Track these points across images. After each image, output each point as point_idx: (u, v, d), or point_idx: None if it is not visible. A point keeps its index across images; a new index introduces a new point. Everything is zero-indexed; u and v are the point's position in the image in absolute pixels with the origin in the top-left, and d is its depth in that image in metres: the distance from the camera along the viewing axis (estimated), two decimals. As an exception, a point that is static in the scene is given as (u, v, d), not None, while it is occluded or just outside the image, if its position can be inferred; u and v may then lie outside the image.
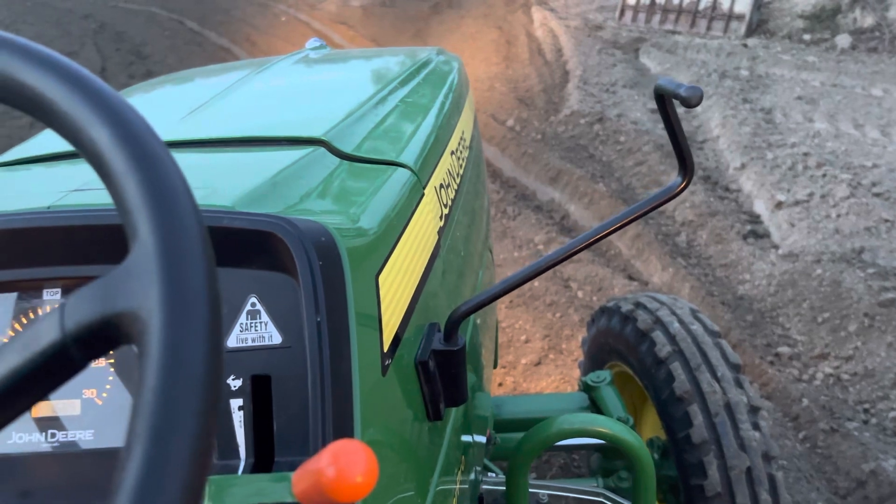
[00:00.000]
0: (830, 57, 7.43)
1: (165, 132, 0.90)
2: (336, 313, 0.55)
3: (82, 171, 0.78)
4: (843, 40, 7.71)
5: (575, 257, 3.82)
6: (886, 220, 3.92)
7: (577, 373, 2.91)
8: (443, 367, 0.72)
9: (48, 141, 0.97)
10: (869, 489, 2.37)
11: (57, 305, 0.62)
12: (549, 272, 3.61)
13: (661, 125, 6.01)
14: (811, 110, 5.91)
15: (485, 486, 1.15)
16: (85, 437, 0.61)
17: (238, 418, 0.57)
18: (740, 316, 3.35)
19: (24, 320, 0.62)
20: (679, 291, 3.49)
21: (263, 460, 0.56)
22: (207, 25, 10.33)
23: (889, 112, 5.71)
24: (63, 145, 0.90)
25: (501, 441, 1.59)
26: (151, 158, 0.31)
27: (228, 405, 0.57)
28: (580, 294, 3.45)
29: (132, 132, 0.32)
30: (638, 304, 1.83)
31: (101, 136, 0.31)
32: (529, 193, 4.80)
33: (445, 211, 0.99)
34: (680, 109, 6.15)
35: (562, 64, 7.74)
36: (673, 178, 4.79)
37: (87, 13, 11.11)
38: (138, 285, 0.29)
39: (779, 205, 4.23)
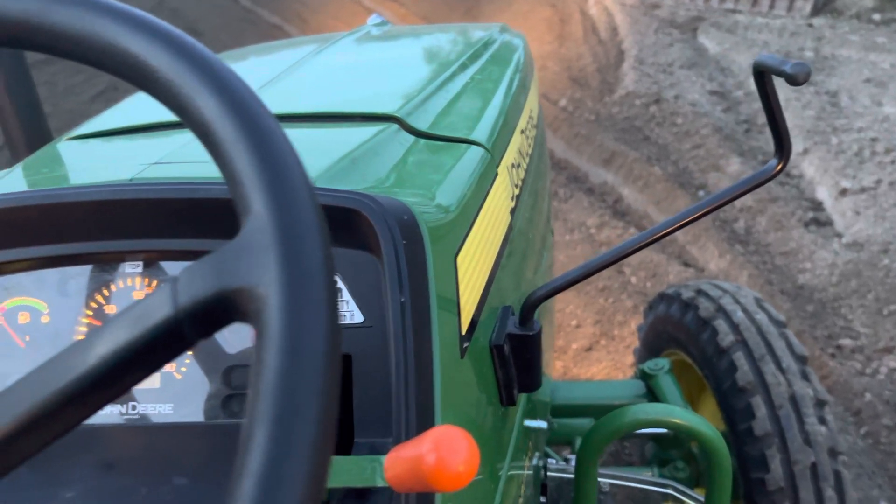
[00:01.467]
0: (902, 37, 7.09)
1: None
2: (418, 294, 0.53)
3: (162, 144, 0.78)
4: (916, 20, 7.35)
5: (628, 241, 3.75)
6: (959, 210, 3.74)
7: (629, 359, 2.87)
8: (517, 352, 0.71)
9: (125, 114, 0.98)
10: (934, 489, 2.28)
11: (158, 281, 0.62)
12: (602, 256, 3.55)
13: (720, 108, 5.82)
14: (880, 94, 5.66)
15: (549, 474, 1.13)
16: (164, 411, 0.61)
17: None
18: (800, 306, 3.25)
19: (106, 292, 0.63)
20: (737, 279, 3.40)
21: (343, 440, 0.56)
22: (260, 3, 10.40)
23: (964, 96, 5.43)
24: (141, 118, 0.91)
25: (559, 427, 1.57)
26: (263, 129, 0.30)
27: None
28: (633, 280, 3.39)
29: (241, 102, 0.30)
30: (699, 292, 1.78)
31: (208, 105, 0.30)
32: (582, 175, 4.73)
33: (516, 191, 0.97)
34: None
35: (617, 43, 7.57)
36: (732, 162, 4.66)
37: (145, -9, 11.32)
38: (255, 261, 0.28)
39: (843, 192, 4.07)
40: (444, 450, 0.30)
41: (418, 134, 0.84)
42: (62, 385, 0.28)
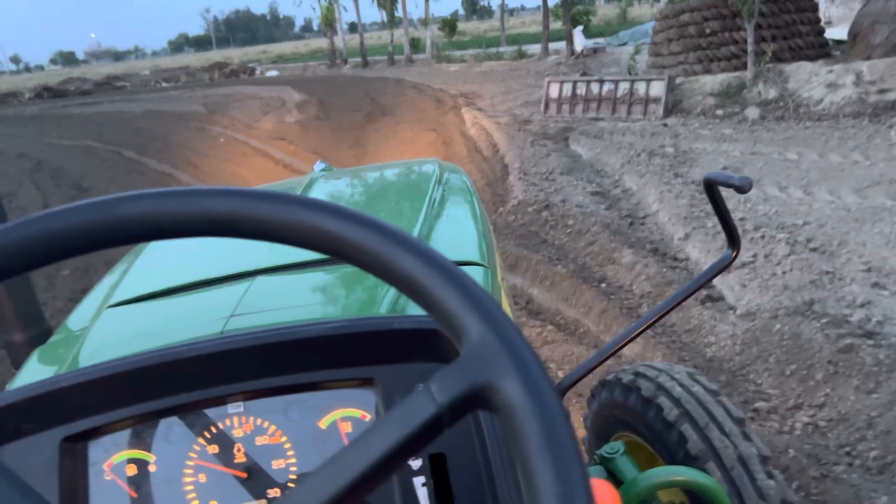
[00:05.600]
0: (744, 128, 8.03)
1: (264, 259, 0.98)
2: None
3: (215, 299, 0.86)
4: (753, 112, 8.37)
5: (548, 339, 3.94)
6: (827, 272, 4.20)
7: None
8: None
9: (147, 279, 1.03)
10: (868, 529, 2.47)
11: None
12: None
13: (603, 206, 6.26)
14: (737, 178, 6.34)
15: None
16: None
17: (422, 494, 0.63)
18: (714, 377, 3.49)
19: (208, 435, 0.68)
20: (652, 360, 3.62)
21: None
22: (147, 154, 10.44)
23: (807, 173, 6.18)
24: (166, 282, 0.97)
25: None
26: (457, 274, 0.41)
27: (412, 483, 0.64)
28: (560, 374, 3.54)
29: (439, 262, 0.41)
30: (638, 374, 1.93)
31: (416, 267, 0.41)
32: (492, 283, 4.94)
33: (509, 300, 1.09)
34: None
35: (500, 158, 8.12)
36: (625, 254, 5.01)
37: (21, 152, 11.08)
38: (492, 364, 0.38)
39: (728, 269, 4.47)
40: (601, 497, 0.40)
41: None
42: (348, 481, 0.36)
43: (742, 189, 0.96)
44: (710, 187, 1.04)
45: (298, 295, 0.85)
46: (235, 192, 0.44)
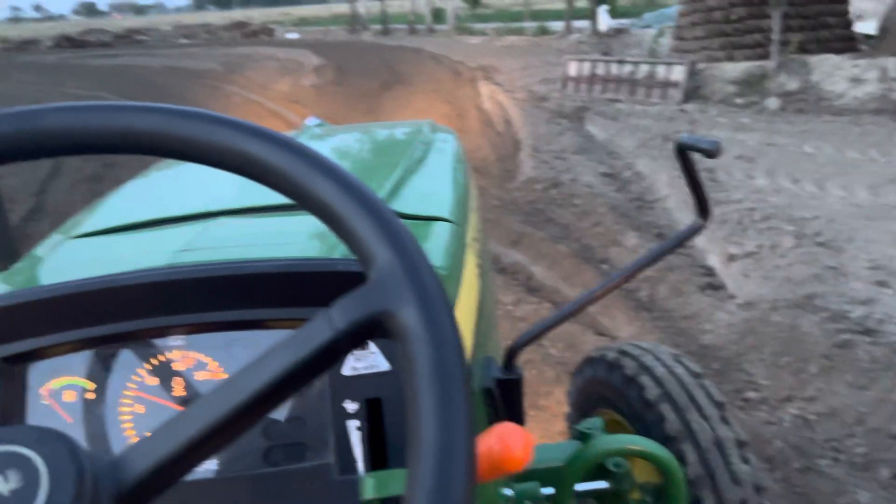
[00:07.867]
0: (762, 118, 7.92)
1: (234, 201, 0.98)
2: None
3: (173, 236, 0.86)
4: (773, 103, 8.24)
5: (545, 318, 3.93)
6: (831, 267, 4.15)
7: (557, 427, 2.98)
8: (504, 395, 0.80)
9: (112, 214, 1.03)
10: (847, 523, 2.46)
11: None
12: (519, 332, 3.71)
13: (613, 188, 6.21)
14: (751, 168, 6.27)
15: None
16: (210, 467, 0.66)
17: (356, 438, 0.63)
18: (707, 364, 3.48)
19: (148, 367, 0.68)
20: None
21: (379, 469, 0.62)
22: (160, 108, 10.42)
23: (822, 167, 6.10)
24: (131, 217, 0.97)
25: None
26: (372, 201, 0.40)
27: (346, 426, 0.63)
28: (553, 351, 3.54)
29: (357, 187, 0.40)
30: (622, 352, 1.92)
31: (331, 192, 0.40)
32: (494, 257, 4.93)
33: (479, 260, 1.08)
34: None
35: (512, 134, 8.06)
36: (629, 237, 4.97)
37: (39, 100, 11.09)
38: (393, 291, 0.37)
39: (731, 257, 4.44)
40: (508, 439, 0.39)
41: (402, 216, 0.95)
42: (241, 400, 0.35)
43: (711, 153, 0.94)
44: (682, 152, 1.02)
45: (258, 236, 0.84)
46: (157, 109, 0.43)
